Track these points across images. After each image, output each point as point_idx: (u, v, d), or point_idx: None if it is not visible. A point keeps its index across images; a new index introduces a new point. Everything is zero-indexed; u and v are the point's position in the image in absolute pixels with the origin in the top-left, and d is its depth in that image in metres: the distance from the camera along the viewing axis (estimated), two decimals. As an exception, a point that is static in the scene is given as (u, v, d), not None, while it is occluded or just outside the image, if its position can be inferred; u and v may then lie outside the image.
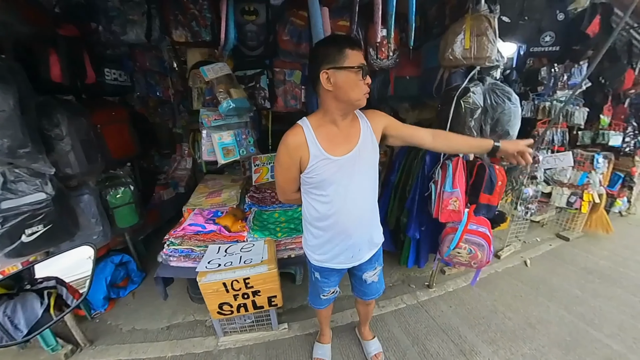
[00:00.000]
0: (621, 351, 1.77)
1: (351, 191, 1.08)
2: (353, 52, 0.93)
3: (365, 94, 0.97)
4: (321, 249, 1.21)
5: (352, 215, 1.12)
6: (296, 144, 1.03)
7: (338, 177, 1.05)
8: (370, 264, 1.30)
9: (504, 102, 1.51)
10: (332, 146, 1.04)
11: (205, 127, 1.68)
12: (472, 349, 1.73)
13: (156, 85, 2.49)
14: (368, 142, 1.09)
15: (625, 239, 3.30)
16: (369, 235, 1.22)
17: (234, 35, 1.58)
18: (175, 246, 1.86)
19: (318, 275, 1.32)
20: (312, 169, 1.04)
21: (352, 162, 1.06)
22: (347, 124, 1.07)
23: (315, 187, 1.09)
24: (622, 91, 2.97)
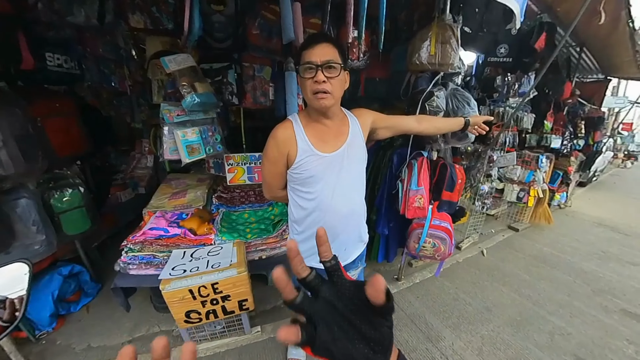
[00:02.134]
0: (561, 325, 2.04)
1: (339, 189, 1.07)
2: (305, 52, 0.92)
3: (316, 94, 0.91)
4: (306, 248, 1.16)
5: (340, 214, 1.10)
6: (285, 138, 1.02)
7: (326, 174, 1.05)
8: (353, 263, 1.28)
9: (464, 107, 1.63)
10: (321, 143, 1.03)
11: (167, 124, 1.55)
12: (437, 334, 1.87)
13: (111, 74, 2.23)
14: (357, 140, 1.09)
15: (563, 228, 3.79)
16: (356, 234, 1.20)
17: (198, 25, 1.47)
18: (134, 253, 1.72)
19: None
20: (300, 165, 1.03)
21: (341, 159, 1.05)
22: (335, 123, 1.06)
23: (302, 184, 1.08)
24: (562, 100, 3.38)
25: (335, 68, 0.90)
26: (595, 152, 4.21)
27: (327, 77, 0.89)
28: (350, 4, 1.55)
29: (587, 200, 5.01)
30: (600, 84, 3.81)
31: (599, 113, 3.90)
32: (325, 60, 0.89)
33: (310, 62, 0.89)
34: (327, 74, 0.89)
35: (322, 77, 0.89)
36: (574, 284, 2.58)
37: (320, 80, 0.89)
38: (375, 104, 2.37)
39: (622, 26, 2.47)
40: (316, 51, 0.90)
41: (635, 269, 2.90)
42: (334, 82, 0.91)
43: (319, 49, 0.90)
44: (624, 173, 7.84)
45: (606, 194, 5.43)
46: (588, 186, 5.95)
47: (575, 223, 4.00)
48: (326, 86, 0.90)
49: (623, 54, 2.95)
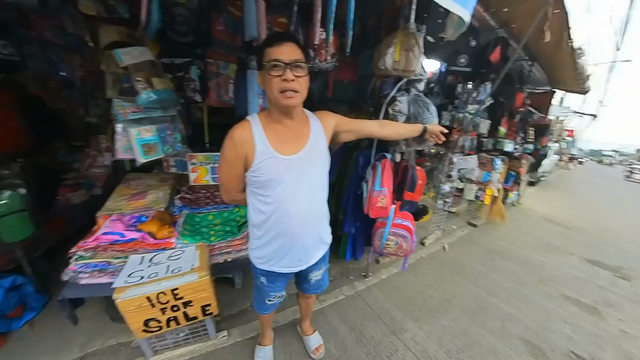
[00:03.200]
0: (511, 312, 2.21)
1: (299, 192, 1.04)
2: (270, 49, 0.89)
3: (283, 92, 0.89)
4: (266, 252, 1.15)
5: (299, 218, 1.07)
6: (242, 139, 0.98)
7: (286, 177, 1.01)
8: (316, 265, 1.28)
9: (423, 112, 1.70)
10: (281, 145, 1.00)
11: (121, 121, 1.43)
12: (400, 327, 1.93)
13: (60, 62, 1.98)
14: (318, 142, 1.07)
15: (515, 223, 4.13)
16: (317, 237, 1.18)
17: (157, 17, 1.36)
18: (85, 260, 1.57)
19: (264, 280, 1.26)
20: (258, 167, 0.99)
21: (301, 163, 1.02)
22: (296, 124, 1.03)
23: (260, 187, 1.04)
24: (514, 109, 3.66)
25: (302, 68, 0.90)
26: (543, 155, 4.64)
27: (295, 76, 0.88)
28: (318, 6, 1.54)
29: (536, 198, 5.53)
30: (547, 95, 4.19)
31: (545, 121, 4.29)
32: (294, 59, 0.88)
33: (279, 60, 0.87)
34: (296, 73, 0.88)
35: (291, 76, 0.87)
36: (523, 273, 2.81)
37: (289, 78, 0.87)
38: (343, 106, 2.40)
39: (564, 45, 2.73)
40: (283, 50, 0.88)
41: (574, 259, 3.24)
42: (301, 82, 0.91)
43: (286, 48, 0.89)
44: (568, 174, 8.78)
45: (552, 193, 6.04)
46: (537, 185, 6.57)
47: (525, 218, 4.38)
48: (295, 85, 0.89)
49: (566, 69, 3.26)
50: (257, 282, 1.30)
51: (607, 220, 4.70)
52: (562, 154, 7.58)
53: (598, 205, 3.67)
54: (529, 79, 3.52)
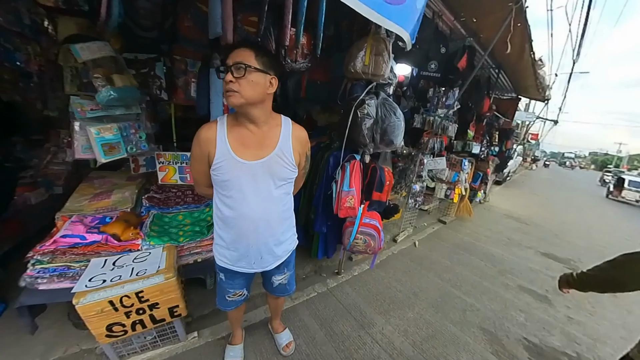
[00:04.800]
0: (472, 302, 2.33)
1: (255, 198, 1.04)
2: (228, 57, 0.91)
3: (227, 93, 0.91)
4: (224, 250, 1.17)
5: (253, 223, 1.08)
6: (206, 138, 1.00)
7: (243, 181, 1.01)
8: (278, 269, 1.29)
9: (390, 116, 1.73)
10: (242, 148, 1.00)
11: (79, 119, 1.34)
12: (369, 321, 1.98)
13: (15, 50, 1.80)
14: (283, 154, 1.03)
15: (481, 220, 4.37)
16: (273, 244, 1.17)
17: (118, 11, 1.28)
18: (43, 265, 1.46)
19: (222, 276, 1.28)
20: (218, 167, 1.00)
21: (261, 170, 1.02)
22: (261, 130, 1.01)
23: (219, 186, 1.05)
24: (482, 113, 3.84)
25: (242, 69, 0.89)
26: (507, 157, 4.93)
27: (235, 77, 0.89)
28: (289, 7, 1.51)
29: (501, 196, 5.89)
30: (513, 101, 4.44)
31: (510, 125, 4.55)
32: (235, 61, 0.89)
33: (225, 64, 0.90)
34: (236, 75, 0.89)
35: (229, 77, 0.89)
36: (485, 266, 2.98)
37: (227, 80, 0.89)
38: (316, 107, 2.40)
39: (526, 56, 2.89)
40: (232, 54, 0.91)
41: (531, 252, 3.48)
42: (241, 82, 0.89)
43: (235, 53, 0.91)
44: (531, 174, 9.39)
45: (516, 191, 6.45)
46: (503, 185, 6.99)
47: (490, 215, 4.65)
48: (233, 85, 0.89)
49: (528, 78, 3.46)
50: (218, 277, 1.31)
51: (561, 216, 5.10)
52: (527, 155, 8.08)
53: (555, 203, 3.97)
54: (496, 86, 3.71)
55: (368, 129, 1.74)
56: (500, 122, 4.24)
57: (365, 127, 1.74)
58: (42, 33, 1.83)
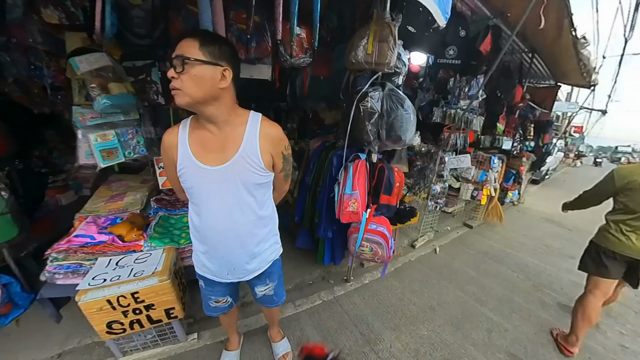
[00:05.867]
0: (499, 322, 1.98)
1: (220, 206, 0.93)
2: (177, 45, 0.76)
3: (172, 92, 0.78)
4: (198, 258, 1.11)
5: (219, 233, 0.98)
6: (169, 144, 0.92)
7: (206, 188, 0.91)
8: (259, 280, 1.20)
9: (397, 109, 1.50)
10: (204, 153, 0.89)
11: (80, 127, 1.36)
12: (377, 337, 1.75)
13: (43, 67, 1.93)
14: (249, 156, 0.89)
15: (513, 224, 3.81)
16: (245, 257, 1.05)
17: (110, 22, 1.27)
18: (59, 262, 1.52)
19: (202, 283, 1.21)
20: (181, 173, 0.92)
21: (224, 176, 0.89)
22: (223, 132, 0.88)
23: (187, 193, 0.98)
24: (514, 104, 3.34)
25: (185, 63, 0.73)
26: (545, 153, 4.25)
27: (176, 73, 0.74)
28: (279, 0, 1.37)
29: (538, 197, 5.11)
30: (551, 90, 3.81)
31: (548, 117, 3.91)
32: (176, 54, 0.74)
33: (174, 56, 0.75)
34: (177, 70, 0.74)
35: (171, 73, 0.75)
36: (517, 279, 2.55)
37: (169, 75, 0.75)
38: (321, 103, 2.22)
39: (565, 34, 2.41)
40: (177, 46, 0.76)
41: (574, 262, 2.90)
42: (183, 79, 0.74)
43: (179, 44, 0.76)
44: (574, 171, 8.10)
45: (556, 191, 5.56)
46: (541, 184, 6.09)
47: (525, 219, 4.03)
48: (175, 83, 0.76)
49: (569, 62, 2.91)
50: (199, 284, 1.23)
51: None
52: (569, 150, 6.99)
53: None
54: (529, 73, 3.19)
55: (372, 124, 1.53)
56: (536, 114, 3.64)
57: (369, 123, 1.53)
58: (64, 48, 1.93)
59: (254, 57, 1.62)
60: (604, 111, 4.95)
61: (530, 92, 3.77)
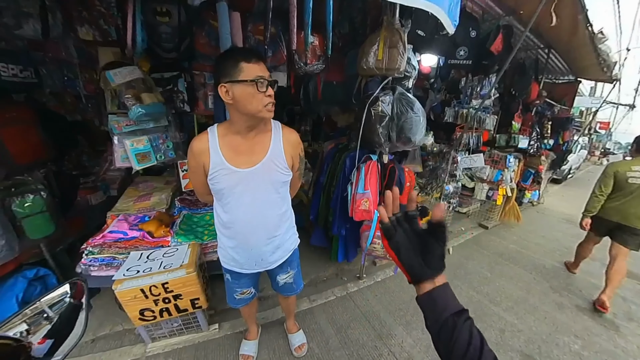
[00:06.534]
0: (513, 322, 2.02)
1: (251, 203, 1.07)
2: (249, 65, 0.90)
3: (266, 106, 0.94)
4: (227, 252, 1.22)
5: (251, 227, 1.12)
6: (200, 150, 1.02)
7: (239, 189, 1.04)
8: (281, 269, 1.33)
9: (407, 111, 1.59)
10: (236, 157, 1.02)
11: (116, 134, 1.55)
12: (389, 332, 1.85)
13: (75, 78, 2.17)
14: (276, 158, 1.05)
15: (532, 225, 3.77)
16: (272, 245, 1.20)
17: (141, 38, 1.46)
18: (94, 255, 1.72)
19: (229, 276, 1.33)
20: (213, 177, 1.03)
21: (255, 177, 1.04)
22: (256, 136, 1.03)
23: (217, 194, 1.09)
24: (530, 101, 3.33)
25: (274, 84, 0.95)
26: (566, 151, 4.16)
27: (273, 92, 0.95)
28: (293, 12, 1.51)
29: (560, 197, 4.99)
30: (571, 86, 3.74)
31: (567, 114, 3.84)
32: (270, 77, 0.94)
33: (263, 77, 0.91)
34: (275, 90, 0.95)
35: (271, 92, 0.93)
36: (534, 280, 2.56)
37: (271, 94, 0.94)
38: (335, 108, 2.34)
39: (581, 30, 2.41)
40: (262, 67, 0.93)
41: (594, 265, 2.87)
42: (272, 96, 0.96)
43: (263, 66, 0.94)
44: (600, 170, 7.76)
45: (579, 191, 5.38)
46: (563, 183, 5.91)
47: (544, 220, 3.98)
48: (272, 99, 0.95)
49: (586, 57, 2.88)
50: (225, 277, 1.37)
51: None
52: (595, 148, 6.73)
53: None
54: (546, 69, 3.17)
55: (383, 127, 1.64)
56: (554, 111, 3.59)
57: (379, 126, 1.64)
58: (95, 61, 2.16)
59: (270, 65, 1.77)
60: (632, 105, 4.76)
61: (549, 88, 3.73)
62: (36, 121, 1.84)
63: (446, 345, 0.43)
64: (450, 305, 0.45)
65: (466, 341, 0.41)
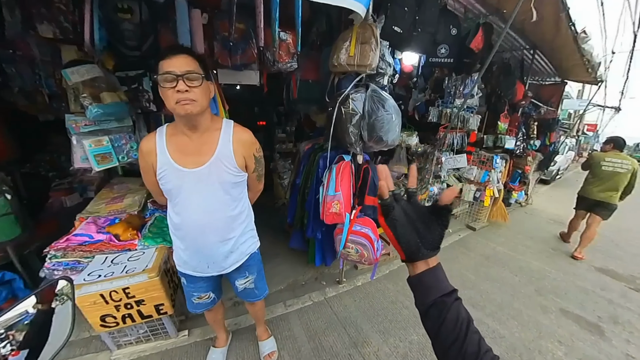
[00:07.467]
0: (495, 327, 1.91)
1: (199, 204, 1.02)
2: (163, 62, 0.85)
3: (180, 103, 0.85)
4: (179, 256, 1.17)
5: (199, 229, 1.06)
6: (147, 150, 0.99)
7: (185, 188, 0.99)
8: (238, 273, 1.26)
9: (378, 109, 1.49)
10: (182, 157, 0.97)
11: (74, 134, 1.45)
12: (364, 340, 1.73)
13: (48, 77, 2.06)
14: (225, 158, 0.99)
15: (520, 226, 3.65)
16: (225, 248, 1.12)
17: (99, 35, 1.37)
18: (57, 259, 1.61)
19: (184, 280, 1.26)
20: (161, 177, 0.99)
21: (203, 177, 0.98)
22: (201, 136, 0.98)
23: (166, 194, 1.05)
24: (516, 102, 3.23)
25: (196, 79, 0.86)
26: (553, 152, 4.06)
27: (188, 87, 0.84)
28: (260, 8, 1.42)
29: (547, 198, 4.87)
30: (557, 87, 3.65)
31: (553, 115, 3.74)
32: (186, 70, 0.84)
33: (170, 72, 0.83)
34: (189, 84, 0.85)
35: (184, 86, 0.84)
36: (519, 283, 2.45)
37: (182, 89, 0.84)
38: (313, 107, 2.24)
39: (564, 29, 2.32)
40: (175, 62, 0.85)
41: (582, 266, 2.77)
42: (196, 91, 0.87)
43: (178, 60, 0.85)
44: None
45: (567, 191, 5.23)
46: (552, 184, 5.80)
47: (532, 220, 3.86)
48: (189, 95, 0.85)
49: (571, 57, 2.80)
50: (181, 281, 1.29)
51: (625, 222, 3.95)
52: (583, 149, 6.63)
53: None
54: (531, 70, 3.08)
55: (354, 126, 1.54)
56: (540, 112, 3.49)
57: (350, 125, 1.54)
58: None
59: (240, 63, 1.67)
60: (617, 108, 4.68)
61: (535, 89, 3.63)
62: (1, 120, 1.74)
63: (434, 325, 0.44)
64: (441, 287, 0.44)
65: (454, 321, 0.42)
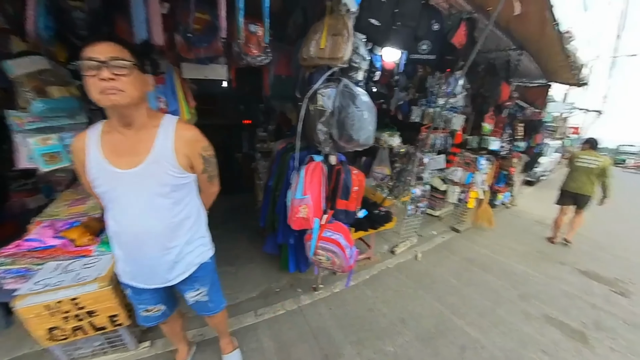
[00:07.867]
0: (476, 337, 1.80)
1: (135, 209, 0.90)
2: (87, 48, 0.73)
3: (104, 92, 0.73)
4: (120, 265, 1.05)
5: (136, 236, 0.94)
6: (78, 148, 0.90)
7: (119, 191, 0.89)
8: (187, 285, 1.12)
9: (348, 106, 1.38)
10: (116, 156, 0.87)
11: (17, 131, 1.31)
12: (337, 351, 1.61)
13: None
14: (164, 158, 0.88)
15: (505, 228, 3.58)
16: (168, 261, 1.00)
17: (44, 25, 1.24)
18: (6, 266, 1.47)
19: (128, 291, 1.12)
20: (93, 178, 0.89)
21: (139, 179, 0.87)
22: (137, 134, 0.87)
23: (101, 198, 0.94)
24: (501, 103, 3.15)
25: (124, 67, 0.75)
26: (537, 154, 4.00)
27: (114, 74, 0.73)
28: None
29: (533, 199, 4.82)
30: (542, 89, 3.60)
31: (538, 116, 3.68)
32: (110, 56, 0.73)
33: (92, 58, 0.72)
34: (114, 72, 0.73)
35: (107, 74, 0.72)
36: (502, 288, 2.35)
37: (106, 77, 0.72)
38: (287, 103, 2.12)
39: (548, 29, 2.24)
40: (97, 48, 0.73)
41: (566, 269, 2.69)
42: (124, 80, 0.75)
43: (101, 46, 0.74)
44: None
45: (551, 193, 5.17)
46: (536, 185, 5.76)
47: (517, 222, 3.79)
48: (115, 84, 0.74)
49: (556, 58, 2.73)
50: (126, 292, 1.15)
51: (609, 224, 3.92)
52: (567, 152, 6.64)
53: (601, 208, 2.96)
54: (517, 71, 3.01)
55: (322, 123, 1.42)
56: (526, 113, 3.43)
57: (319, 122, 1.43)
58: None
59: (204, 56, 1.55)
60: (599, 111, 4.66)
61: (522, 91, 3.57)
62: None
63: None
64: None
65: None
